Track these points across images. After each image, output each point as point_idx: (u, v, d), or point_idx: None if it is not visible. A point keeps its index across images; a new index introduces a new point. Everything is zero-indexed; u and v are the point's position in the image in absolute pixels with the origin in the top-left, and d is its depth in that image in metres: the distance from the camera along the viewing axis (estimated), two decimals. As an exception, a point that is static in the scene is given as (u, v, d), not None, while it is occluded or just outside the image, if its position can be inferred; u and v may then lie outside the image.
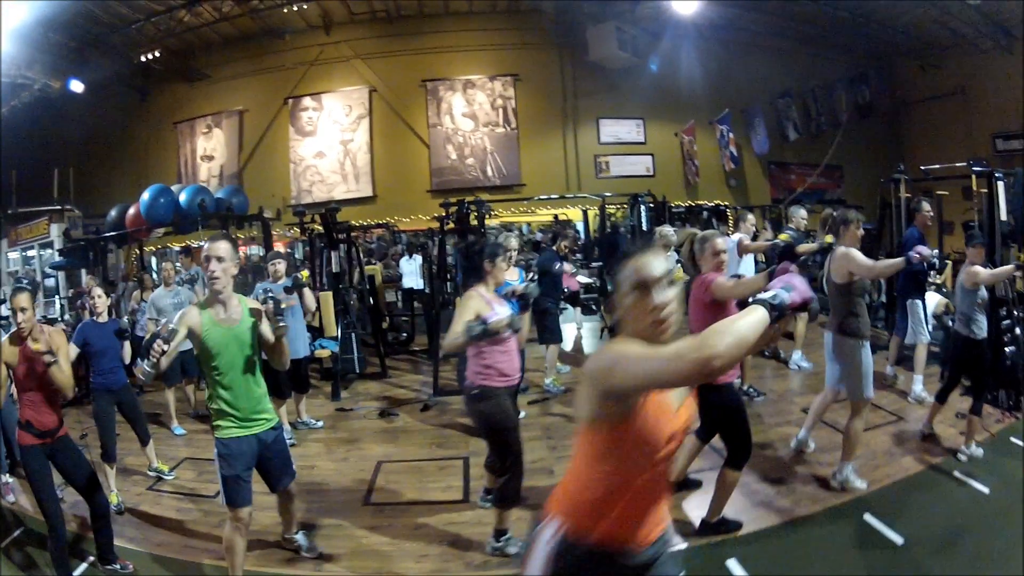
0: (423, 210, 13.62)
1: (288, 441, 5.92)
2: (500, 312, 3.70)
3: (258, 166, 16.07)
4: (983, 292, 5.02)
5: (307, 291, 6.25)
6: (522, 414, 6.27)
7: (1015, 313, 6.15)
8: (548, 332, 7.32)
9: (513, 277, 5.76)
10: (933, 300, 7.36)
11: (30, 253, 15.56)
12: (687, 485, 4.51)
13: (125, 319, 5.82)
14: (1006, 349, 6.02)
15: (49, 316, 12.49)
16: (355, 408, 7.30)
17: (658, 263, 1.73)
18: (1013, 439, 5.27)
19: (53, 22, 12.52)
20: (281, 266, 6.38)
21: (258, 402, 3.43)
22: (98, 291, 5.35)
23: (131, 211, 11.87)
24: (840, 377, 4.55)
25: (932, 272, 7.92)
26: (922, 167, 9.89)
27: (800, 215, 7.60)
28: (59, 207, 14.86)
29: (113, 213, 12.56)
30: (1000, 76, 14.93)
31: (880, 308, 8.96)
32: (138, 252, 13.50)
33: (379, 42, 15.72)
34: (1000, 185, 7.43)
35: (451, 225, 9.51)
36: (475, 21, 15.66)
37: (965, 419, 4.95)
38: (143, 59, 14.79)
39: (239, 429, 3.35)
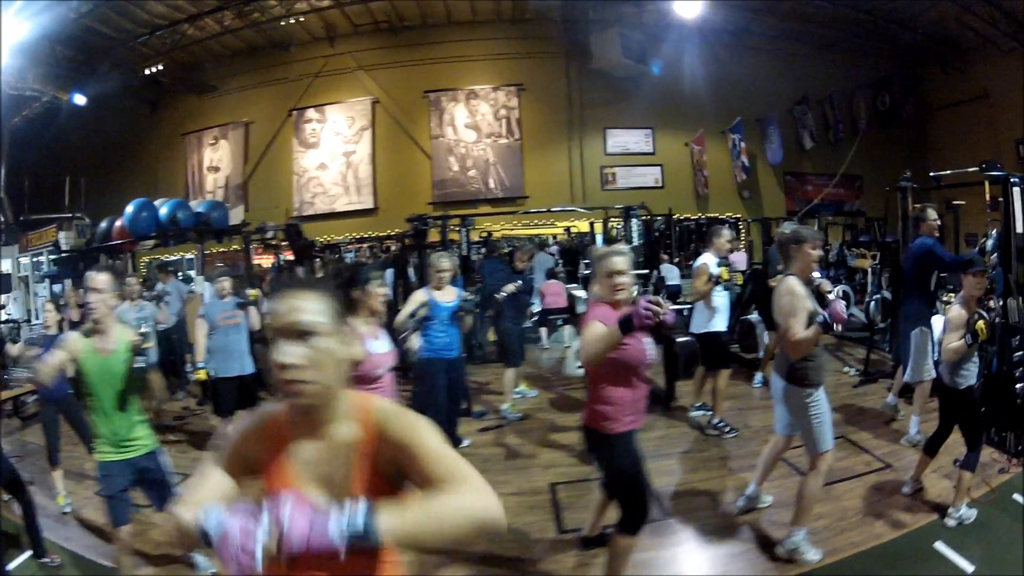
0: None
1: None
2: (375, 349, 3.35)
3: (263, 178, 15.75)
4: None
5: (252, 310, 6.01)
6: (466, 442, 5.71)
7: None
8: (507, 353, 6.66)
9: (450, 297, 5.18)
10: (940, 324, 6.37)
11: (40, 259, 15.44)
12: (600, 541, 3.71)
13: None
14: (1017, 386, 5.05)
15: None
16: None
17: (290, 308, 1.31)
18: (1017, 497, 4.32)
19: (60, 36, 12.47)
20: (227, 283, 6.04)
21: (131, 429, 3.38)
22: (48, 305, 5.62)
23: (117, 223, 11.59)
24: (793, 427, 3.76)
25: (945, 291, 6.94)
26: (931, 173, 8.72)
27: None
28: (69, 215, 14.71)
29: (103, 225, 12.29)
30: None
31: (886, 331, 8.03)
32: (131, 264, 13.15)
33: (382, 53, 15.32)
34: (1016, 192, 6.37)
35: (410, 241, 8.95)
36: (479, 30, 15.14)
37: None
38: (148, 72, 14.57)
39: (115, 453, 3.33)
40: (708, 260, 5.70)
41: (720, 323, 5.82)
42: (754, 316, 8.01)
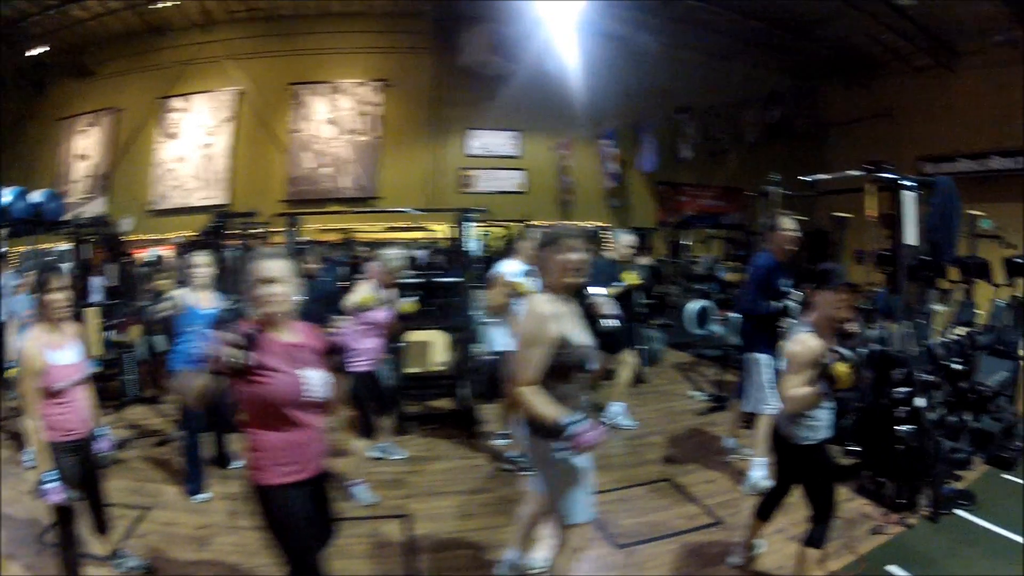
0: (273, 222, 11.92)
1: (26, 464, 5.12)
2: (56, 360, 3.01)
3: (127, 168, 14.76)
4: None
5: None
6: (237, 463, 4.95)
7: (916, 377, 4.12)
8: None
9: (210, 302, 4.64)
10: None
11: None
12: None
13: None
14: (900, 428, 4.01)
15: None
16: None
17: None
18: (894, 569, 3.20)
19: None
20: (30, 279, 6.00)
21: None
22: None
23: (-35, 212, 10.85)
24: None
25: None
26: (800, 176, 7.23)
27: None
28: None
29: (-42, 213, 11.57)
30: (932, 96, 12.80)
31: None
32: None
33: (254, 42, 14.30)
34: (907, 198, 4.94)
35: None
36: (350, 22, 14.06)
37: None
38: (30, 54, 13.81)
39: None
40: (508, 268, 4.63)
41: None
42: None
